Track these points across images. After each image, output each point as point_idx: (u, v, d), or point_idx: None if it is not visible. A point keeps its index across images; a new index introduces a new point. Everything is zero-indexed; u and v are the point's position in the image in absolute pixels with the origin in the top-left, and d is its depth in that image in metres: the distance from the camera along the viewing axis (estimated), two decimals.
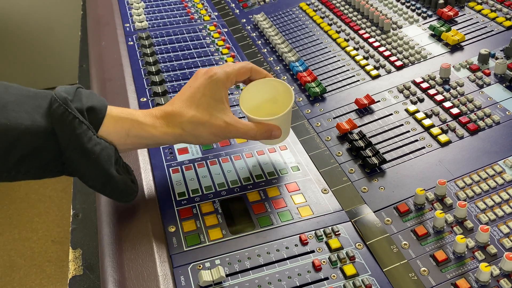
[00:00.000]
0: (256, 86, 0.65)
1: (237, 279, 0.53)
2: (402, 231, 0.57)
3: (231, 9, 1.12)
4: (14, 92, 0.52)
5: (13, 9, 2.34)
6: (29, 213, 2.00)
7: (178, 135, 0.59)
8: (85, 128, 0.52)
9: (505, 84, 0.74)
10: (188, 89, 0.61)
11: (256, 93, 0.65)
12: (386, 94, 0.78)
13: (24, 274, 1.76)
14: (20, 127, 0.49)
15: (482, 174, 0.61)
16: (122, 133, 0.56)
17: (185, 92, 0.61)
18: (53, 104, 0.52)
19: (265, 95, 0.66)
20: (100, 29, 1.05)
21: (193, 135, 0.59)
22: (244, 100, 0.64)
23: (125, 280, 0.53)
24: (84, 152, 0.52)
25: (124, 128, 0.56)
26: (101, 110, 0.55)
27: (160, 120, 0.58)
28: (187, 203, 0.62)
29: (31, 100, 0.52)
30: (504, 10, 0.90)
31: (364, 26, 0.95)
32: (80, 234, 0.67)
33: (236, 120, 0.60)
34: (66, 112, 0.51)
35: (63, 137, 0.51)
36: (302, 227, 0.59)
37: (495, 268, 0.51)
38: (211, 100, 0.59)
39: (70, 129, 0.51)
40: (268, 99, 0.66)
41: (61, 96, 0.52)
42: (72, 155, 0.52)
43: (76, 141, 0.51)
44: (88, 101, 0.54)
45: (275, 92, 0.65)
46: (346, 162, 0.68)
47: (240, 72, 0.63)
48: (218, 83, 0.60)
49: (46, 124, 0.51)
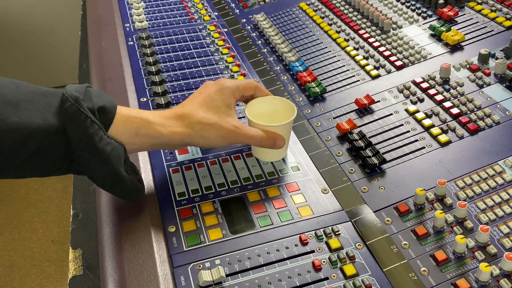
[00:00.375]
0: (259, 101, 0.68)
1: (237, 279, 0.53)
2: (402, 231, 0.57)
3: (231, 9, 1.12)
4: (25, 90, 0.52)
5: (13, 9, 2.34)
6: (29, 213, 2.00)
7: (187, 135, 0.60)
8: (97, 127, 0.53)
9: (505, 84, 0.74)
10: (199, 95, 0.63)
11: (259, 107, 0.68)
12: (386, 94, 0.78)
13: (24, 274, 1.76)
14: (32, 126, 0.50)
15: (482, 174, 0.61)
16: (131, 132, 0.57)
17: (196, 97, 0.63)
18: (64, 103, 0.52)
19: (268, 109, 0.69)
20: (100, 29, 1.05)
21: (202, 136, 0.60)
22: (249, 110, 0.67)
23: (125, 280, 0.53)
24: (95, 151, 0.52)
25: (133, 127, 0.57)
26: (111, 110, 0.56)
27: (170, 120, 0.60)
28: (187, 203, 0.62)
29: (42, 98, 0.52)
30: (504, 10, 0.90)
31: (364, 26, 0.95)
32: (80, 234, 0.67)
33: (243, 125, 0.63)
34: (78, 112, 0.51)
35: (74, 136, 0.51)
36: (302, 227, 0.59)
37: (495, 268, 0.51)
38: (222, 104, 0.62)
39: (82, 129, 0.51)
40: (270, 114, 0.68)
41: (73, 95, 0.52)
42: (83, 154, 0.52)
43: (87, 140, 0.52)
44: (99, 101, 0.55)
45: (277, 108, 0.69)
46: (346, 162, 0.68)
47: (247, 87, 0.66)
48: (228, 90, 0.63)
49: (58, 122, 0.51)
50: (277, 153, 0.67)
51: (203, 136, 0.60)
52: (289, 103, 0.68)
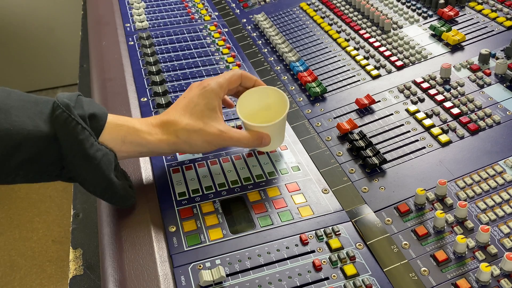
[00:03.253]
0: (251, 94, 0.67)
1: (238, 279, 0.53)
2: (403, 231, 0.57)
3: (231, 9, 1.12)
4: (16, 97, 0.53)
5: (13, 9, 2.34)
6: (30, 213, 2.00)
7: (173, 142, 0.60)
8: (87, 134, 0.53)
9: (505, 84, 0.74)
10: (183, 99, 0.63)
11: (251, 101, 0.67)
12: (386, 94, 0.78)
13: (24, 274, 1.76)
14: (23, 132, 0.50)
15: (483, 174, 0.61)
16: (118, 140, 0.57)
17: (180, 102, 0.63)
18: (56, 110, 0.52)
19: (260, 103, 0.68)
20: (100, 29, 1.05)
21: (188, 143, 0.60)
22: (240, 107, 0.66)
23: (125, 280, 0.53)
24: (86, 157, 0.52)
25: (120, 135, 0.57)
26: (102, 117, 0.56)
27: (156, 128, 0.60)
28: (187, 203, 0.62)
29: (33, 105, 0.53)
30: (504, 10, 0.90)
31: (365, 26, 0.95)
32: (81, 234, 0.67)
33: (229, 128, 0.62)
34: (69, 118, 0.52)
35: (65, 143, 0.52)
36: (303, 227, 0.59)
37: (496, 268, 0.51)
38: (205, 109, 0.61)
39: (72, 135, 0.52)
40: (263, 107, 0.68)
41: (64, 103, 0.53)
42: (74, 160, 0.53)
43: (78, 146, 0.52)
44: (90, 108, 0.55)
45: (270, 100, 0.67)
46: (346, 162, 0.68)
47: (231, 80, 0.65)
48: (211, 93, 0.62)
49: (49, 129, 0.51)
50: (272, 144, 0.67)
51: (189, 143, 0.60)
52: (281, 93, 0.66)
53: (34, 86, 2.59)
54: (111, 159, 0.55)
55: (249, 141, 0.63)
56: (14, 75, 2.49)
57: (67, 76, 2.58)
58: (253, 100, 0.67)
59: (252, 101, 0.67)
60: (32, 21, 2.39)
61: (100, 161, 0.53)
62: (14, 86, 0.62)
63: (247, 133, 0.64)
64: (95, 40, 1.02)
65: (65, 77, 2.59)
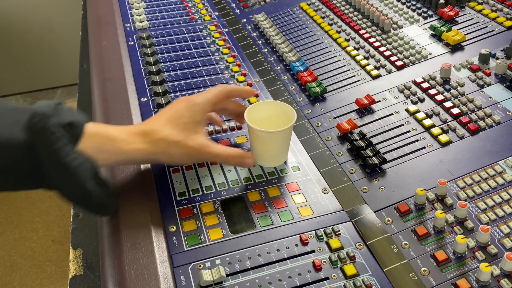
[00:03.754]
0: (263, 104, 0.68)
1: (238, 279, 0.53)
2: (403, 231, 0.57)
3: (231, 9, 1.12)
4: None
5: (13, 9, 2.34)
6: (30, 212, 2.00)
7: (151, 152, 0.59)
8: (64, 143, 0.52)
9: (505, 84, 0.74)
10: (168, 111, 0.63)
11: (259, 113, 0.67)
12: (386, 94, 0.78)
13: (24, 273, 1.76)
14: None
15: (483, 174, 0.61)
16: (94, 148, 0.56)
17: (164, 113, 0.62)
18: (32, 118, 0.52)
19: (269, 113, 0.68)
20: (100, 29, 1.05)
21: (166, 154, 0.60)
22: (248, 115, 0.65)
23: (125, 280, 0.53)
24: (61, 166, 0.52)
25: (96, 144, 0.56)
26: (79, 126, 0.55)
27: (134, 136, 0.59)
28: (187, 203, 0.62)
29: (10, 114, 0.53)
30: (504, 10, 0.90)
31: (365, 26, 0.95)
32: (81, 234, 0.67)
33: (208, 144, 0.62)
34: (45, 127, 0.52)
35: (42, 151, 0.52)
36: (303, 227, 0.59)
37: (496, 268, 0.51)
38: (189, 122, 0.61)
39: (48, 144, 0.51)
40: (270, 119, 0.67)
41: (41, 111, 0.52)
42: (50, 169, 0.52)
43: (53, 155, 0.52)
44: (68, 117, 0.55)
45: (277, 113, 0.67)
46: (346, 162, 0.68)
47: (219, 95, 0.66)
48: (197, 107, 0.63)
49: (25, 138, 0.51)
50: (276, 159, 0.67)
51: (167, 153, 0.60)
52: (289, 107, 0.67)
53: (34, 86, 2.59)
54: (89, 167, 0.54)
55: (228, 157, 0.63)
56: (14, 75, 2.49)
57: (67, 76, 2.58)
58: (263, 111, 0.67)
59: (260, 113, 0.67)
60: (32, 21, 2.39)
61: (76, 169, 0.53)
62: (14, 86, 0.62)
63: (229, 150, 0.63)
64: (95, 40, 1.02)
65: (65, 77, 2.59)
